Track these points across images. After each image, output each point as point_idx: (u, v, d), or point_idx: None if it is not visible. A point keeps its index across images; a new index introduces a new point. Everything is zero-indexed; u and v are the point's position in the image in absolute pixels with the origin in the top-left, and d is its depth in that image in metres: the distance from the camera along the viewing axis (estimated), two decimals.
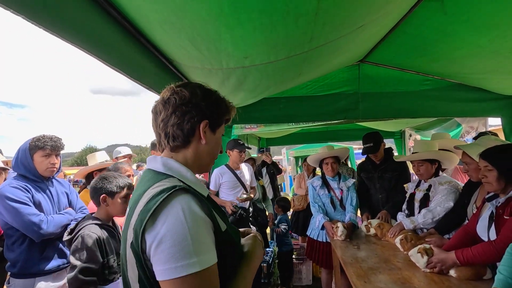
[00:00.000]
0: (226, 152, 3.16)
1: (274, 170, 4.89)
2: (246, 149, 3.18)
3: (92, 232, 1.47)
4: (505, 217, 1.47)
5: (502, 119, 3.17)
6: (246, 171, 3.30)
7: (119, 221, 1.78)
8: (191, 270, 0.66)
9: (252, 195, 3.16)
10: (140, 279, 0.72)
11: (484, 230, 1.61)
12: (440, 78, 3.15)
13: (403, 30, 2.21)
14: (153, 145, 3.03)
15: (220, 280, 0.72)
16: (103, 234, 1.52)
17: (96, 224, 1.53)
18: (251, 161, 3.88)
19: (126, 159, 3.68)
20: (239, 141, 3.13)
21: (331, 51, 1.84)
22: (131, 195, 1.69)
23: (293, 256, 3.95)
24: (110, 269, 1.49)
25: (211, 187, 3.15)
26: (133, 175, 2.57)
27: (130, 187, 1.68)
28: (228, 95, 2.59)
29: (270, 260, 3.82)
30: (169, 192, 0.70)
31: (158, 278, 0.68)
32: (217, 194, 3.20)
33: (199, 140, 0.83)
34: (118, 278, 1.51)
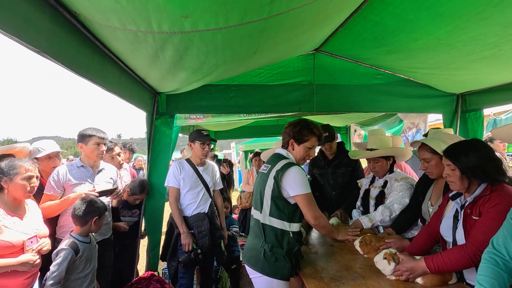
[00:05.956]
0: (188, 145, 2.67)
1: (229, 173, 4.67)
2: (211, 143, 2.67)
3: None
4: (474, 217, 1.36)
5: (443, 115, 3.32)
6: (211, 169, 2.78)
7: None
8: (305, 191, 1.69)
9: (115, 187, 2.37)
10: (274, 191, 1.70)
11: (449, 230, 1.51)
12: (391, 73, 3.14)
13: (364, 15, 2.05)
14: (79, 137, 2.32)
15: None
16: None
17: None
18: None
19: (51, 158, 2.67)
20: (202, 131, 2.62)
21: (292, 25, 1.55)
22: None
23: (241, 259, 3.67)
24: None
25: (170, 183, 2.54)
26: (37, 177, 1.93)
27: None
28: (166, 74, 2.08)
29: (217, 266, 3.49)
30: (290, 165, 1.71)
31: (291, 194, 1.69)
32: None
33: (291, 148, 1.83)
34: None
